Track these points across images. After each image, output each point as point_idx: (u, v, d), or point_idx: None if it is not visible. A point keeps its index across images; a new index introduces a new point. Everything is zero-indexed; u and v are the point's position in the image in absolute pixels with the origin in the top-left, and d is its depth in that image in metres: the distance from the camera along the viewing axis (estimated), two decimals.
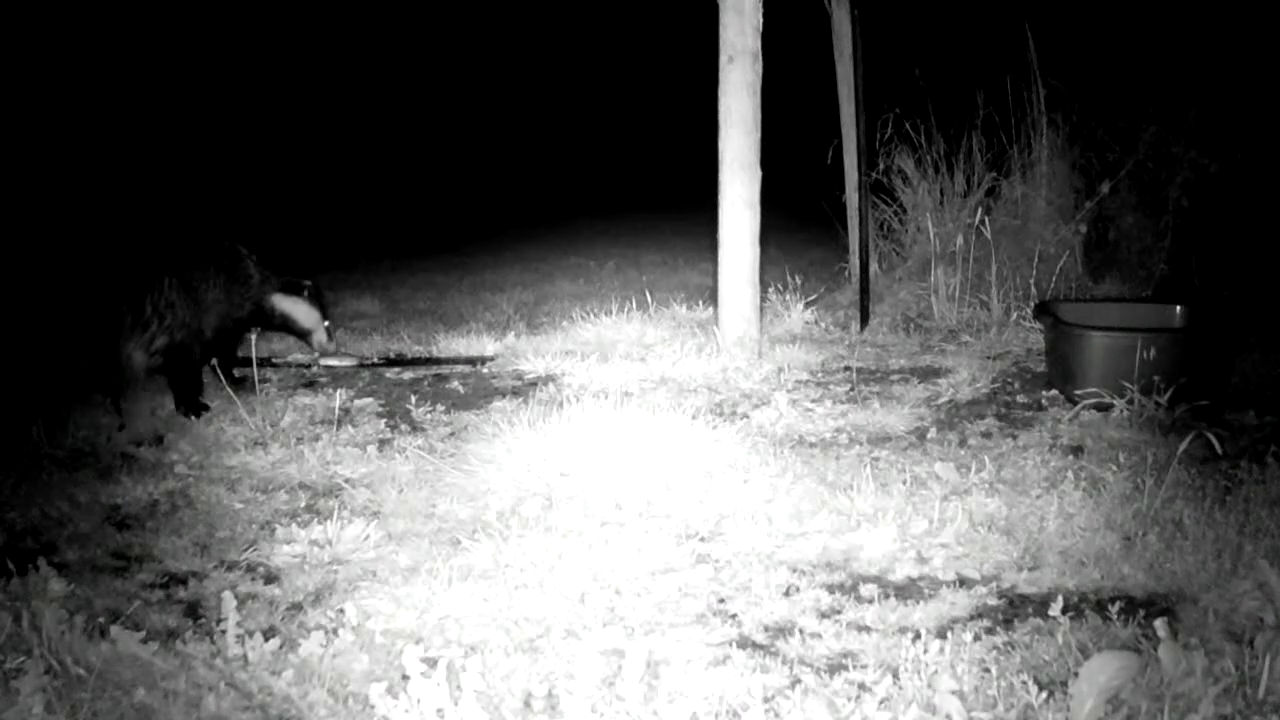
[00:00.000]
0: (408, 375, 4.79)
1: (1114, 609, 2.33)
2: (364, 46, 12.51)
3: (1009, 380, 4.48)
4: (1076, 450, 3.54)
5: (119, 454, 3.71)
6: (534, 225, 10.37)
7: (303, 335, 4.75)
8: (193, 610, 2.55)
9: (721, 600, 2.57)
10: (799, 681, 2.15)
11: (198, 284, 4.27)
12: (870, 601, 2.53)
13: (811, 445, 3.70)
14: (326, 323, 4.76)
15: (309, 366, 4.92)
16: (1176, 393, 3.81)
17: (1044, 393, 4.25)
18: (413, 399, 4.27)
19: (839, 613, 2.49)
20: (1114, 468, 3.26)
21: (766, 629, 2.42)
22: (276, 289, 4.59)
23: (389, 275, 8.04)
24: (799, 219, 7.41)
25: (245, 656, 2.20)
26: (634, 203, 11.17)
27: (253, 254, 4.55)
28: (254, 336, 4.57)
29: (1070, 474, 3.24)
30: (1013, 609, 2.49)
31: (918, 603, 2.52)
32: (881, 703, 2.01)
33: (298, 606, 2.57)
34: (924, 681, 2.08)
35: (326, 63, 12.13)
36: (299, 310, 4.66)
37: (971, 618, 2.44)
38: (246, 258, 4.50)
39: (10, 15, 8.73)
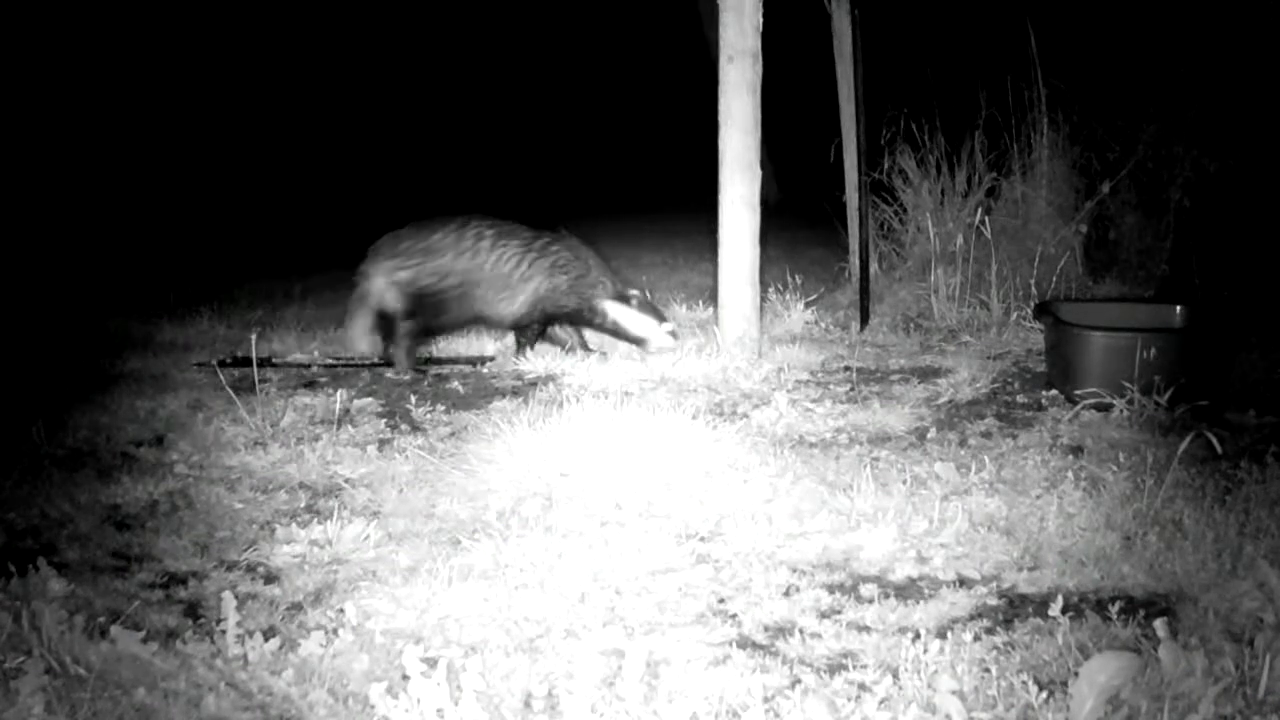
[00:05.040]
0: (407, 375, 4.78)
1: (1114, 609, 2.33)
2: (366, 46, 12.51)
3: (1009, 380, 4.47)
4: (1076, 450, 3.54)
5: (119, 454, 3.71)
6: (534, 225, 10.36)
7: (636, 343, 4.81)
8: (193, 610, 2.55)
9: (721, 600, 2.57)
10: (799, 681, 2.15)
11: (500, 257, 4.48)
12: (870, 601, 2.53)
13: (811, 445, 3.70)
14: (668, 326, 4.80)
15: (309, 366, 4.92)
16: (1176, 393, 3.81)
17: (1044, 393, 4.25)
18: (413, 399, 4.27)
19: (839, 613, 2.49)
20: (1114, 468, 3.26)
21: (766, 629, 2.42)
22: (610, 295, 4.71)
23: None
24: (799, 219, 7.42)
25: (245, 656, 2.20)
26: (634, 203, 11.17)
27: (591, 255, 4.73)
28: (254, 337, 4.57)
29: (1070, 474, 3.24)
30: (1013, 609, 2.49)
31: (918, 603, 2.52)
32: (881, 703, 2.01)
33: (298, 606, 2.56)
34: (924, 681, 2.08)
35: (329, 62, 12.13)
36: (632, 321, 4.75)
37: (971, 618, 2.44)
38: (580, 250, 4.69)
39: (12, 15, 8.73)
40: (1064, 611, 2.26)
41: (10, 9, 8.83)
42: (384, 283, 4.41)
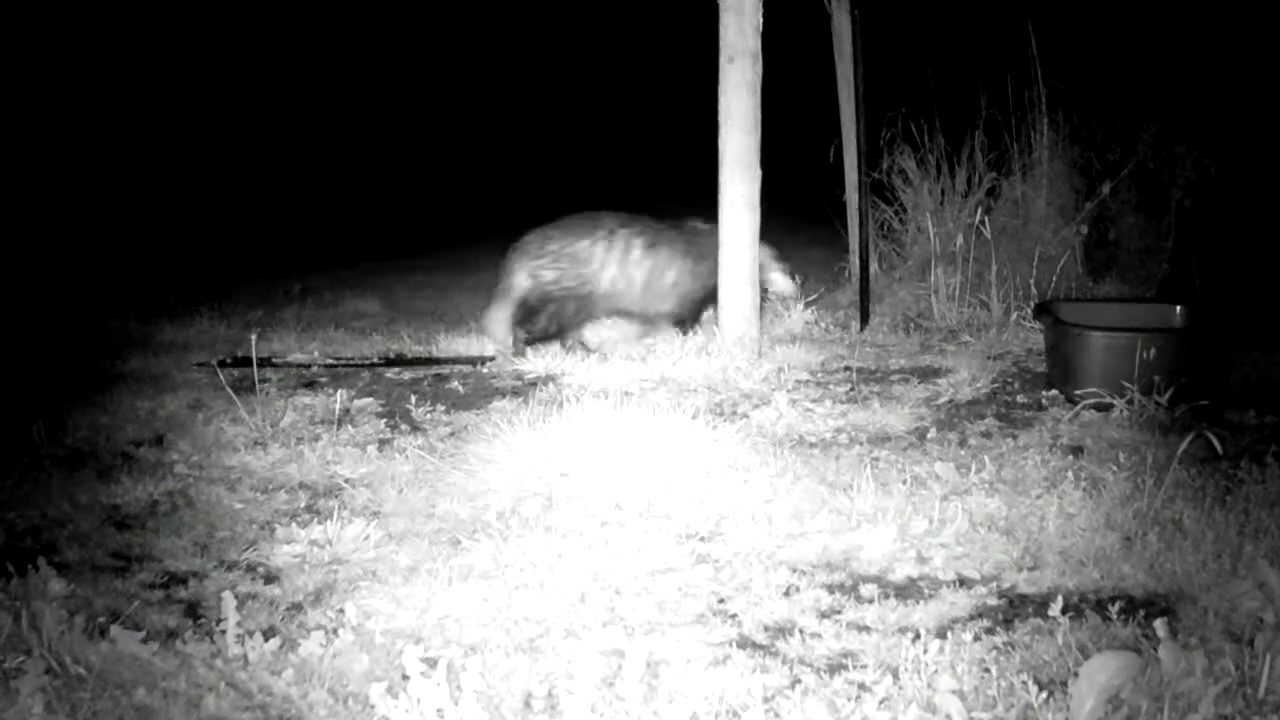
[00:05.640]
0: (407, 375, 4.78)
1: (1114, 609, 2.33)
2: (365, 45, 12.51)
3: (1009, 380, 4.47)
4: (1076, 450, 3.54)
5: (119, 454, 3.71)
6: (535, 225, 10.35)
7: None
8: (193, 610, 2.55)
9: (721, 600, 2.57)
10: (799, 681, 2.15)
11: (651, 268, 4.81)
12: (870, 601, 2.53)
13: (811, 445, 3.70)
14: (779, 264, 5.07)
15: (309, 366, 4.92)
16: (1176, 393, 3.81)
17: (1044, 393, 4.25)
18: (413, 399, 4.27)
19: (839, 613, 2.49)
20: (1114, 468, 3.26)
21: (766, 629, 2.42)
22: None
23: (389, 275, 8.04)
24: (799, 219, 7.41)
25: (245, 656, 2.20)
26: (634, 202, 11.15)
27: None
28: (254, 337, 4.58)
29: (1070, 474, 3.24)
30: (1013, 609, 2.49)
31: (918, 603, 2.52)
32: (881, 703, 2.01)
33: (298, 606, 2.57)
34: (924, 681, 2.08)
35: (328, 62, 12.13)
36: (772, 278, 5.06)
37: (971, 618, 2.44)
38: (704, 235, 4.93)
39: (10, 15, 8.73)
40: (1064, 611, 2.26)
41: (10, 9, 8.83)
42: (526, 277, 4.69)
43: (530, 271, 4.74)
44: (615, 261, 4.77)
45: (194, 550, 2.91)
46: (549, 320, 4.81)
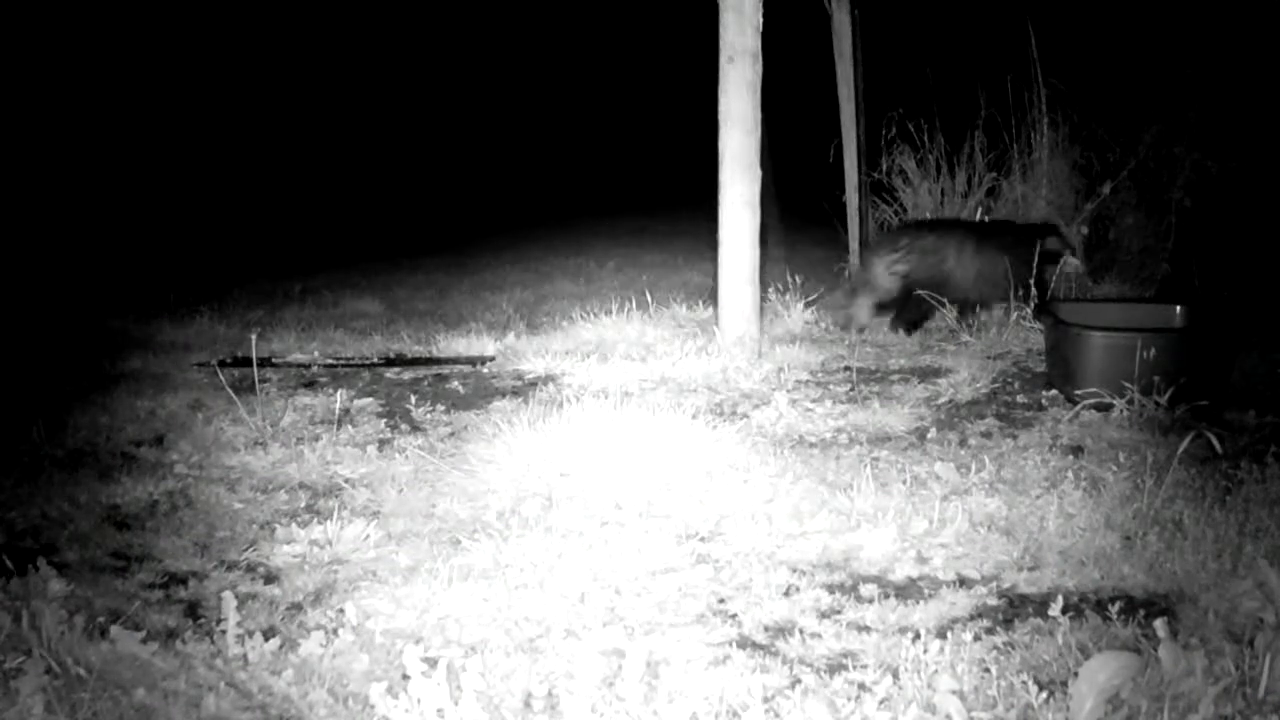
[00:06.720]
0: (408, 375, 4.78)
1: (1114, 609, 2.33)
2: (365, 46, 12.51)
3: (1009, 380, 4.47)
4: (1076, 450, 3.54)
5: (119, 454, 3.71)
6: (534, 225, 10.36)
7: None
8: (193, 610, 2.55)
9: (721, 600, 2.57)
10: (799, 681, 2.15)
11: (986, 261, 5.19)
12: (870, 601, 2.53)
13: (811, 445, 3.70)
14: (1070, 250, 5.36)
15: (309, 366, 4.92)
16: (1176, 393, 3.81)
17: (1044, 393, 4.25)
18: (413, 399, 4.27)
19: (839, 613, 2.49)
20: (1114, 468, 3.26)
21: (766, 629, 2.42)
22: (1041, 240, 5.26)
23: (389, 275, 8.04)
24: (799, 219, 7.42)
25: (245, 656, 2.20)
26: (634, 203, 11.16)
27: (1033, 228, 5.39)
28: (254, 337, 4.58)
29: (1070, 474, 3.24)
30: (1013, 609, 2.49)
31: (918, 603, 2.52)
32: (881, 703, 2.01)
33: (298, 606, 2.57)
34: (924, 681, 2.08)
35: (327, 62, 12.13)
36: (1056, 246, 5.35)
37: (971, 618, 2.44)
38: (1033, 238, 5.26)
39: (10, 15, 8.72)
40: (1064, 611, 2.26)
41: (10, 9, 8.83)
42: (883, 271, 5.19)
43: (886, 267, 5.24)
44: (953, 256, 5.22)
45: (194, 550, 2.91)
46: (906, 306, 5.29)
